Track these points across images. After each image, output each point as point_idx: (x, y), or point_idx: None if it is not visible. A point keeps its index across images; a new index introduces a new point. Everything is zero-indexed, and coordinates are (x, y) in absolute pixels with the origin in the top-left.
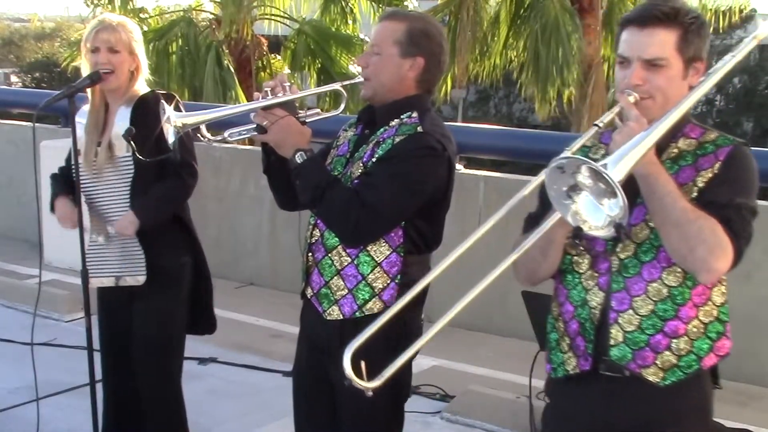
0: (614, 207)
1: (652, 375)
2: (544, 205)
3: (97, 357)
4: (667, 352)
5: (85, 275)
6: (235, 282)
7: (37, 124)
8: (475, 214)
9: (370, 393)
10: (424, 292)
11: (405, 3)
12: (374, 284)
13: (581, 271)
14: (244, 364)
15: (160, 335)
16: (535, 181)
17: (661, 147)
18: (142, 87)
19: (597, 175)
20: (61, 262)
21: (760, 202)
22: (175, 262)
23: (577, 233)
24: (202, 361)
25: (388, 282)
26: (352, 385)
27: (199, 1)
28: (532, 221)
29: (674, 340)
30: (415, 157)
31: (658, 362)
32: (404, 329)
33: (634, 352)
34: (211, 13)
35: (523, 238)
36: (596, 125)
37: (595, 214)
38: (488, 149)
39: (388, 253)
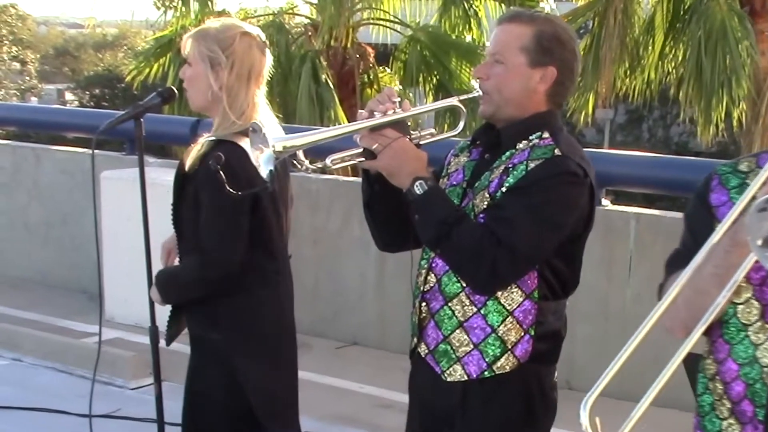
0: None
1: None
2: (695, 239)
3: (173, 430)
4: None
5: (154, 333)
6: (336, 341)
7: (96, 151)
8: (624, 258)
9: None
10: (558, 348)
11: (541, 5)
12: (506, 337)
13: (749, 322)
14: None
15: (235, 402)
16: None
17: None
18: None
19: None
20: (126, 318)
21: None
22: (211, 337)
23: None
24: None
25: (522, 334)
26: None
27: (292, 3)
28: (682, 260)
29: None
30: (555, 185)
31: None
32: (540, 389)
33: None
34: (307, 17)
35: (672, 281)
36: None
37: None
38: (640, 181)
39: (521, 299)
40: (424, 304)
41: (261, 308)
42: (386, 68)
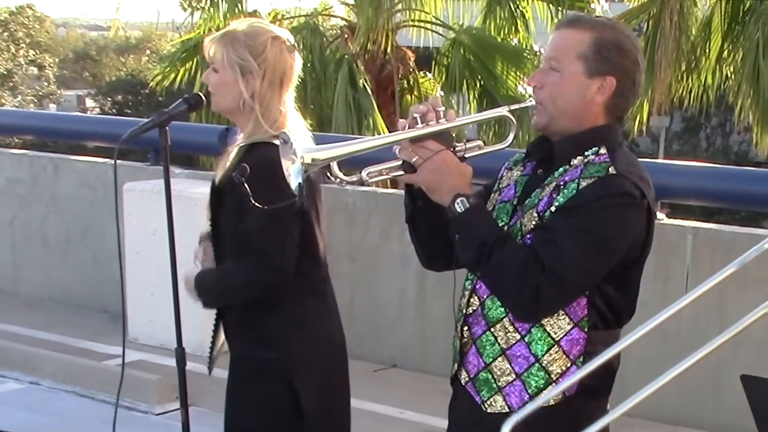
0: None
1: None
2: None
3: None
4: None
5: (180, 355)
6: (373, 363)
7: (119, 161)
8: (680, 275)
9: None
10: (610, 382)
11: (592, 6)
12: (550, 368)
13: None
14: None
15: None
16: None
17: None
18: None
19: None
20: (150, 339)
21: None
22: (258, 357)
23: None
24: None
25: (568, 365)
26: None
27: (327, 4)
28: None
29: None
30: (608, 206)
31: None
32: (589, 425)
33: None
34: (343, 19)
35: None
36: None
37: None
38: (698, 193)
39: (568, 328)
40: (466, 328)
41: (312, 318)
42: (427, 73)
